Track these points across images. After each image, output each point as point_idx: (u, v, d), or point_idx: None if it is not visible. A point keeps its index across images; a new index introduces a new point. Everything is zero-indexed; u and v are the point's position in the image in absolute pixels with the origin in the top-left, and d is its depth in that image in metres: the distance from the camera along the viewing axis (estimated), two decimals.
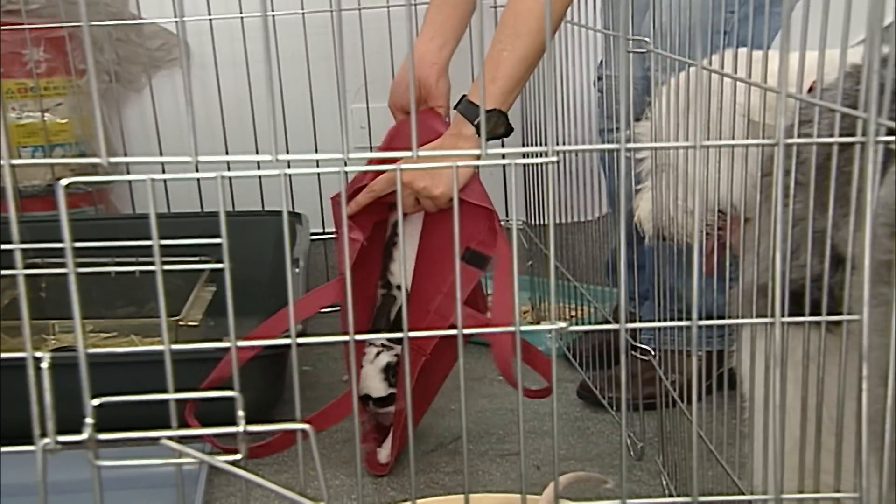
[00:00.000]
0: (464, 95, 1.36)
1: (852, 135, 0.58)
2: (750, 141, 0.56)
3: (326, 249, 2.23)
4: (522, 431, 0.64)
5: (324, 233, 2.21)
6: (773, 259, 0.70)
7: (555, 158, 0.60)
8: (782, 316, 0.60)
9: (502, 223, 2.48)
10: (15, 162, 0.54)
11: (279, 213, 2.06)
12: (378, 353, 1.43)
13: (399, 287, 1.46)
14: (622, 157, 0.61)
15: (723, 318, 0.90)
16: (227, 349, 0.59)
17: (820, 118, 0.73)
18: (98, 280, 1.85)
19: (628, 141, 0.59)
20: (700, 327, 0.60)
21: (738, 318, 0.90)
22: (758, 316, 0.86)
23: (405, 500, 1.31)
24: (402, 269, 1.42)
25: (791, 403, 0.75)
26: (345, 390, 1.49)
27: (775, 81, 0.63)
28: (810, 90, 0.81)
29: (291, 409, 1.62)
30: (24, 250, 0.54)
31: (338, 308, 1.99)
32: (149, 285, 1.90)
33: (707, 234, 1.07)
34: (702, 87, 0.90)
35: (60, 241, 0.54)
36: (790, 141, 0.54)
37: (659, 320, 1.26)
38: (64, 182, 0.53)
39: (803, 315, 0.73)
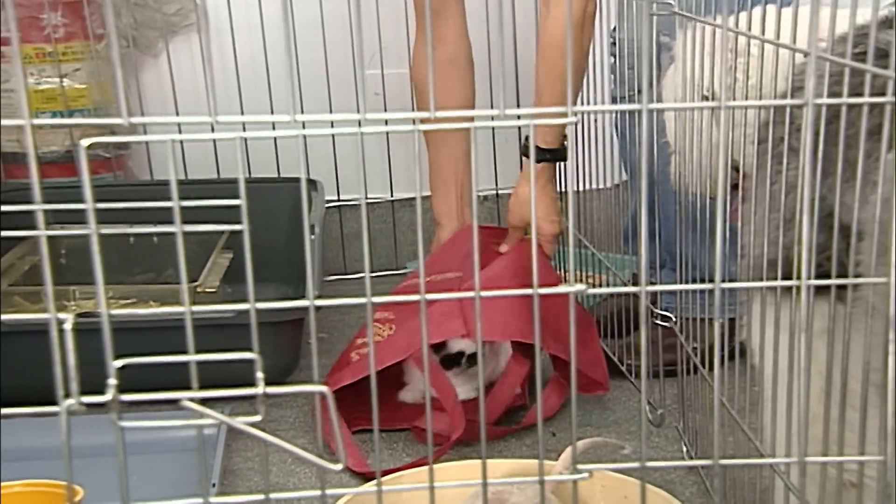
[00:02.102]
0: (526, 137, 1.46)
1: (860, 96, 0.57)
2: (777, 101, 0.55)
3: (341, 216, 2.23)
4: (540, 397, 0.64)
5: (339, 200, 2.21)
6: (798, 223, 0.69)
7: (574, 119, 0.59)
8: (801, 282, 0.59)
9: None
10: (36, 121, 0.53)
11: (295, 179, 2.06)
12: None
13: None
14: (644, 118, 0.60)
15: (743, 287, 0.89)
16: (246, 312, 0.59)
17: (827, 78, 0.71)
18: (117, 247, 1.86)
19: (650, 102, 0.58)
20: (723, 292, 0.59)
21: (748, 292, 0.90)
22: (768, 291, 0.85)
23: (421, 467, 1.31)
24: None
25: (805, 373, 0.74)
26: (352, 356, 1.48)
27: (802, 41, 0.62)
28: None
29: (307, 377, 1.63)
30: (44, 215, 0.54)
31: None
32: (167, 252, 1.91)
33: (735, 186, 1.04)
34: (725, 47, 0.88)
35: (80, 205, 0.54)
36: (819, 101, 0.53)
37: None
38: (85, 142, 0.53)
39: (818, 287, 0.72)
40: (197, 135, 0.60)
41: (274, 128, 0.55)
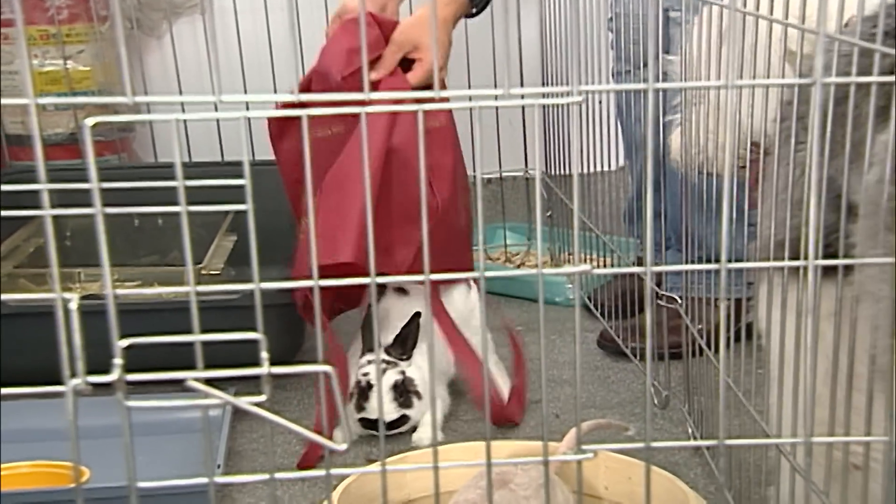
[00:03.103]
0: None
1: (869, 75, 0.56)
2: (785, 80, 0.54)
3: None
4: (544, 378, 0.64)
5: None
6: (806, 203, 0.68)
7: (580, 98, 0.59)
8: (808, 263, 0.59)
9: (523, 172, 2.46)
10: (41, 100, 0.53)
11: None
12: (385, 371, 1.36)
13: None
14: (650, 96, 0.59)
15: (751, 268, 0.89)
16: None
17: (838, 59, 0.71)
18: (122, 230, 1.86)
19: (656, 79, 0.58)
20: (729, 272, 0.59)
21: (758, 273, 0.89)
22: (777, 272, 0.84)
23: (426, 448, 1.32)
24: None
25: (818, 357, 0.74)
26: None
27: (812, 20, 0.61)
28: (846, 25, 0.79)
29: (311, 360, 1.62)
30: (49, 197, 0.54)
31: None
32: (171, 235, 1.91)
33: (743, 166, 1.04)
34: (734, 24, 0.87)
35: (85, 185, 0.54)
36: (828, 80, 0.53)
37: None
38: (90, 122, 0.53)
39: (826, 269, 0.71)
40: (201, 114, 0.60)
41: (277, 107, 0.55)
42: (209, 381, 0.57)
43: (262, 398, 0.58)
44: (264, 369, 0.58)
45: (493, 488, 0.99)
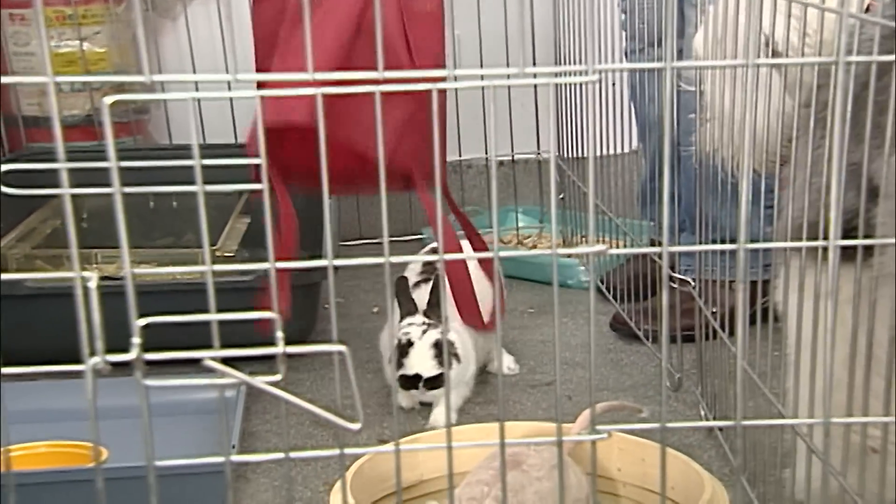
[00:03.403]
0: None
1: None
2: (806, 59, 0.54)
3: None
4: (558, 360, 0.64)
5: None
6: (825, 185, 0.68)
7: (595, 77, 0.58)
8: (828, 246, 0.58)
9: (536, 154, 2.44)
10: (59, 79, 0.53)
11: None
12: (425, 331, 1.38)
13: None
14: (667, 76, 0.59)
15: (767, 248, 0.88)
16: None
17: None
18: (137, 212, 1.86)
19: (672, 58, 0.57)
20: (745, 254, 0.59)
21: (778, 256, 0.89)
22: (799, 254, 0.84)
23: (436, 430, 1.32)
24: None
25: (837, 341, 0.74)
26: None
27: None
28: (867, 10, 0.78)
29: (324, 341, 1.63)
30: (66, 178, 0.54)
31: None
32: (186, 217, 1.91)
33: (783, 163, 1.02)
34: (755, 7, 0.86)
35: (104, 164, 0.54)
36: (851, 58, 0.52)
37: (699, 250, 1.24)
38: (109, 100, 0.53)
39: (847, 252, 0.71)
40: (217, 93, 0.60)
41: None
42: (225, 362, 0.57)
43: (278, 377, 0.58)
44: (279, 348, 0.58)
45: (505, 469, 0.99)
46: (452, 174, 2.29)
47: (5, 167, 0.57)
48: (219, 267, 0.58)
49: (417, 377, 1.35)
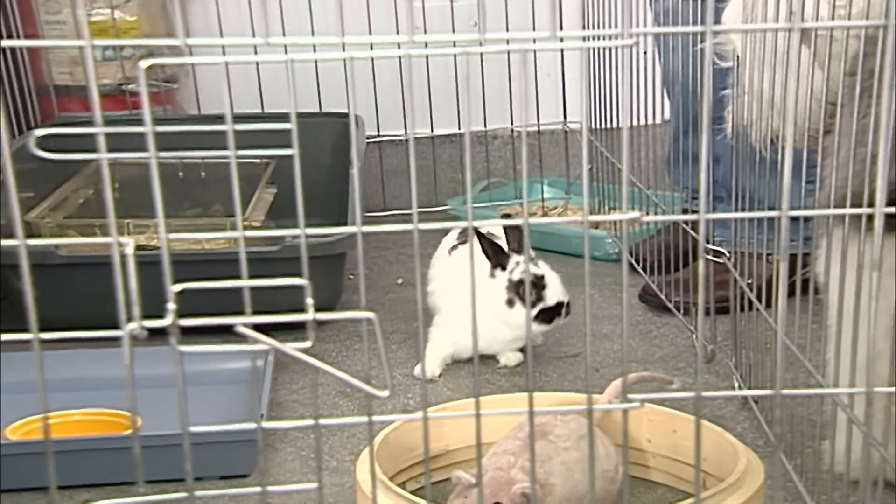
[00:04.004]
0: None
1: None
2: (853, 23, 0.52)
3: (381, 153, 2.23)
4: (589, 330, 0.63)
5: (378, 135, 2.20)
6: (867, 154, 0.66)
7: (631, 41, 0.57)
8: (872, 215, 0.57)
9: (562, 125, 2.41)
10: (96, 42, 0.53)
11: (337, 114, 2.05)
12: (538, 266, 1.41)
13: None
14: (708, 40, 0.57)
15: (808, 217, 0.87)
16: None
17: None
18: (167, 182, 1.87)
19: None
20: (786, 221, 0.57)
21: (820, 226, 0.87)
22: (843, 227, 0.82)
23: (463, 399, 1.32)
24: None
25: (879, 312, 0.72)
26: None
27: None
28: None
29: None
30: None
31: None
32: (214, 187, 1.92)
33: (827, 132, 0.99)
34: None
35: (133, 137, 0.54)
36: None
37: (736, 222, 1.22)
38: (145, 63, 0.52)
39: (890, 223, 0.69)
40: (248, 56, 0.59)
41: (315, 50, 0.54)
42: (254, 330, 0.57)
43: (308, 344, 0.58)
44: (309, 315, 0.58)
45: (534, 438, 0.98)
46: (477, 145, 2.27)
47: (41, 132, 0.56)
48: (250, 233, 0.57)
49: (559, 305, 1.41)
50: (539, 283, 1.40)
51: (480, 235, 1.46)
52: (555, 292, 1.41)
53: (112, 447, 1.16)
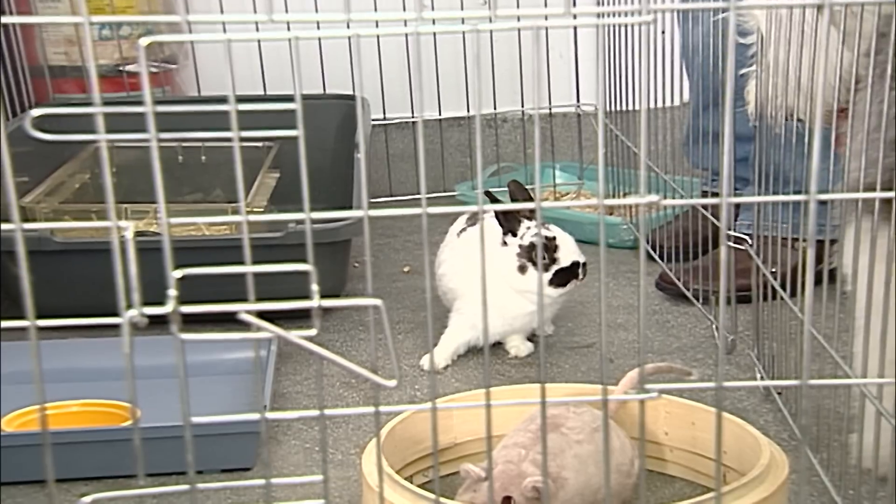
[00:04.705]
0: None
1: None
2: None
3: (387, 136, 2.19)
4: (604, 319, 0.60)
5: (384, 119, 2.16)
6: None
7: (650, 18, 0.54)
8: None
9: (575, 107, 2.37)
10: (94, 19, 0.50)
11: (341, 96, 2.01)
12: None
13: None
14: (732, 18, 0.54)
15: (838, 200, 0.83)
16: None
17: None
18: (167, 166, 1.83)
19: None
20: (814, 205, 0.54)
21: (842, 218, 0.83)
22: (864, 216, 0.79)
23: (472, 391, 1.29)
24: None
25: None
26: None
27: None
28: None
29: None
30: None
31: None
32: (214, 172, 1.88)
33: (842, 109, 0.96)
34: None
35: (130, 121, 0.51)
36: None
37: (760, 205, 1.18)
38: (145, 40, 0.50)
39: None
40: (251, 34, 0.56)
41: (318, 27, 0.52)
42: (260, 316, 0.54)
43: (313, 332, 0.56)
44: (315, 302, 0.55)
45: (546, 430, 0.95)
46: (487, 128, 2.24)
47: (38, 112, 0.54)
48: (254, 217, 0.54)
49: (576, 265, 1.35)
50: (551, 245, 1.35)
51: (492, 198, 1.42)
52: (568, 252, 1.35)
53: (112, 439, 1.14)
